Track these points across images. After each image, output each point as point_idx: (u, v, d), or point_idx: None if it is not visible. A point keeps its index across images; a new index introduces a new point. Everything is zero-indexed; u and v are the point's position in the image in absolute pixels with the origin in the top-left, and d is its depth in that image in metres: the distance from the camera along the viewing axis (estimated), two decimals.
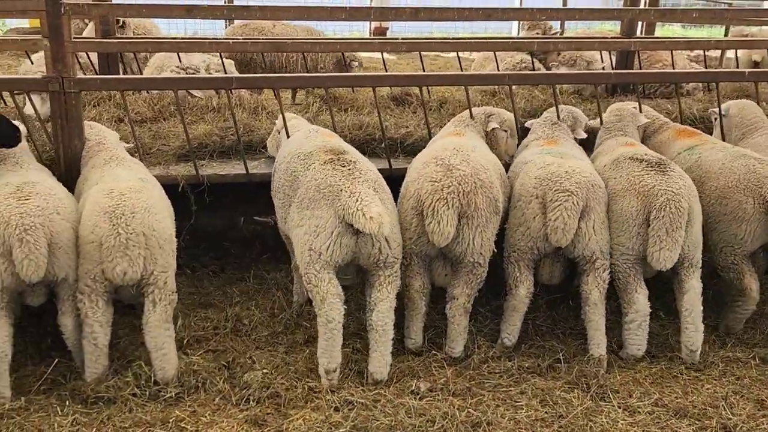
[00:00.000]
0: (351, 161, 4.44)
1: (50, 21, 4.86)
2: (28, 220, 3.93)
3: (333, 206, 4.22)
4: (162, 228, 4.26)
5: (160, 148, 5.99)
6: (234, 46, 6.76)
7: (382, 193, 4.37)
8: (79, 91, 5.07)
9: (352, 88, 7.43)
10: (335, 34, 17.57)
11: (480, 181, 4.47)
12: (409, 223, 4.52)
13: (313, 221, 4.27)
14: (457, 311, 4.62)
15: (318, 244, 4.27)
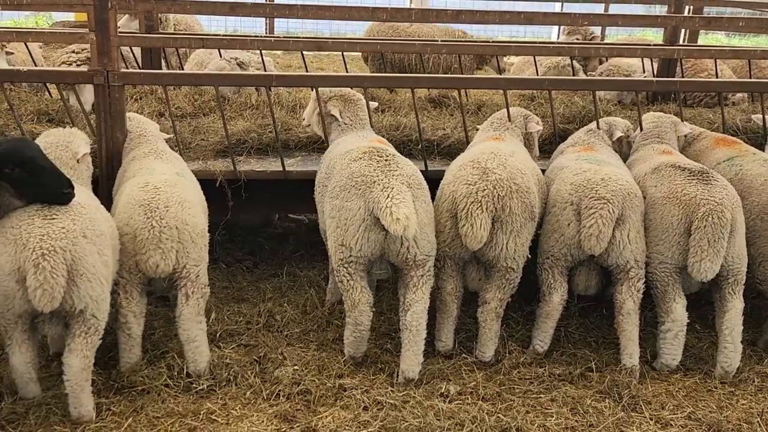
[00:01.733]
0: (389, 155, 4.43)
1: (97, 15, 4.95)
2: (48, 244, 3.60)
3: (364, 197, 4.21)
4: (195, 222, 4.31)
5: (199, 143, 6.06)
6: (276, 44, 6.80)
7: (417, 190, 4.33)
8: (123, 85, 5.16)
9: (389, 89, 7.46)
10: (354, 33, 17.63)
11: (516, 186, 4.44)
12: (444, 225, 4.51)
13: (344, 213, 4.28)
14: (488, 315, 4.60)
15: (348, 238, 4.30)
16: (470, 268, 4.66)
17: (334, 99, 5.30)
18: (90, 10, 4.97)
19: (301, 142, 6.21)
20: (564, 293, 4.70)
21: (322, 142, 6.11)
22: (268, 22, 16.43)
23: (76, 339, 3.79)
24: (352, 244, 4.29)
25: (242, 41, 6.14)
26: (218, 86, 5.49)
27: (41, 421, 3.88)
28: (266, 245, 6.45)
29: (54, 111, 6.27)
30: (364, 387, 4.34)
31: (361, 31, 18.04)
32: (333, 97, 5.30)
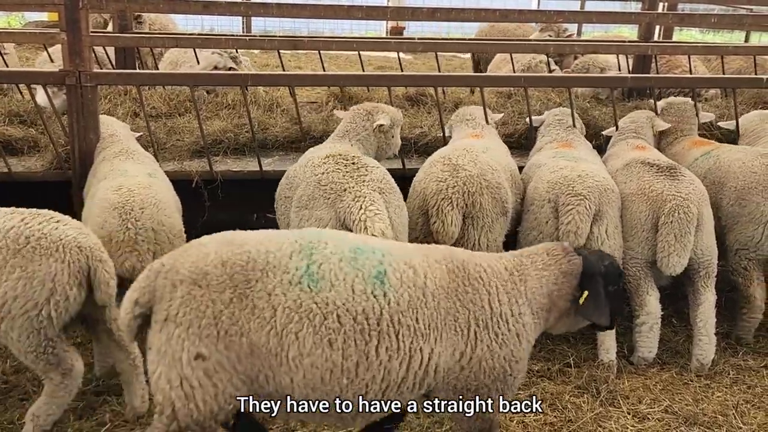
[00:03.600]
0: (354, 158, 4.29)
1: (68, 15, 4.88)
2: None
3: (334, 207, 4.04)
4: (171, 223, 4.28)
5: (174, 143, 6.00)
6: (251, 43, 6.76)
7: (389, 195, 4.18)
8: (96, 85, 5.10)
9: (367, 87, 7.42)
10: (351, 32, 17.62)
11: (486, 182, 4.45)
12: (416, 222, 4.52)
13: (313, 222, 4.10)
14: None
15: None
16: None
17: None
18: (61, 10, 4.90)
19: (278, 141, 6.18)
20: None
21: (300, 142, 6.11)
22: (245, 21, 16.34)
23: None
24: None
25: (216, 40, 6.10)
26: (193, 86, 5.43)
27: None
28: None
29: (25, 112, 6.18)
30: None
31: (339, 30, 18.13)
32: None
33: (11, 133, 5.80)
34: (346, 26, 18.74)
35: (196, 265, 2.90)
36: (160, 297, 2.89)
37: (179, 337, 2.81)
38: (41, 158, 5.63)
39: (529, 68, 7.87)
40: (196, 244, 3.08)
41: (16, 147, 5.74)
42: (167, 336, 2.83)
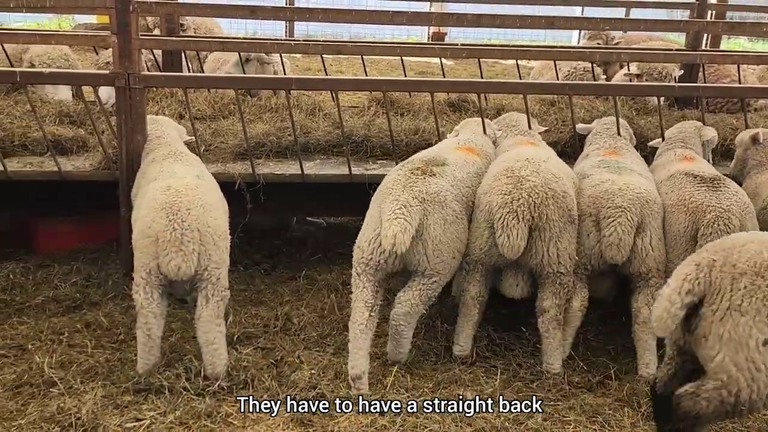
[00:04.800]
0: (432, 174, 4.48)
1: (119, 18, 4.99)
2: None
3: (379, 205, 4.33)
4: (217, 225, 4.33)
5: (218, 145, 6.09)
6: (295, 47, 6.80)
7: (434, 206, 4.32)
8: (144, 87, 5.19)
9: (408, 92, 7.43)
10: (392, 38, 17.64)
11: (551, 191, 4.42)
12: (481, 234, 4.51)
13: (367, 218, 4.44)
14: (549, 325, 4.54)
15: (363, 239, 4.37)
16: (507, 274, 4.64)
17: None
18: (112, 13, 5.00)
19: (320, 145, 6.22)
20: (584, 299, 4.67)
21: (341, 145, 6.14)
22: (288, 25, 16.49)
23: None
24: (364, 246, 4.34)
25: (262, 44, 6.16)
26: (238, 89, 5.49)
27: None
28: (284, 248, 6.46)
29: (74, 113, 6.32)
30: (380, 392, 4.32)
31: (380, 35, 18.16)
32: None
33: (61, 132, 5.94)
34: (387, 31, 18.78)
35: (753, 259, 3.33)
36: (717, 288, 3.31)
37: (746, 324, 3.22)
38: (89, 158, 5.75)
39: (573, 76, 7.79)
40: (738, 240, 3.53)
41: (66, 147, 5.88)
42: (732, 324, 3.26)
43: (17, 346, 4.67)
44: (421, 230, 4.24)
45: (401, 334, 4.44)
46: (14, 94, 7.00)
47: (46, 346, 4.66)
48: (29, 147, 5.82)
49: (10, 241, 6.13)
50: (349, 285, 5.58)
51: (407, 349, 4.53)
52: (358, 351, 4.30)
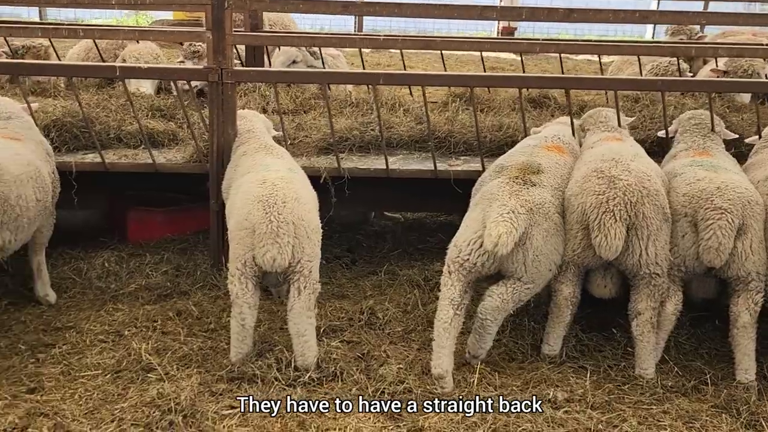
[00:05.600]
0: (532, 183, 4.48)
1: (214, 14, 5.09)
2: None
3: (484, 210, 4.31)
4: (310, 218, 4.39)
5: (302, 139, 6.16)
6: (384, 42, 6.78)
7: (539, 217, 4.32)
8: (236, 82, 5.29)
9: (488, 88, 7.38)
10: (459, 33, 17.56)
11: (645, 190, 4.33)
12: (574, 236, 4.47)
13: (467, 220, 4.42)
14: (644, 328, 4.45)
15: (461, 239, 4.35)
16: (596, 275, 4.58)
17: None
18: (207, 10, 5.11)
19: (403, 140, 6.23)
20: (678, 303, 4.55)
21: (424, 141, 6.14)
22: (357, 20, 16.60)
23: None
24: (462, 247, 4.32)
25: (351, 39, 6.20)
26: (326, 84, 5.54)
27: None
28: (364, 242, 6.50)
29: (165, 107, 6.49)
30: (467, 389, 4.31)
31: (444, 30, 18.08)
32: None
33: (153, 126, 6.11)
34: (453, 26, 18.71)
35: None
36: None
37: None
38: (180, 151, 5.90)
39: (658, 72, 7.58)
40: None
41: (158, 140, 6.05)
42: None
43: (115, 332, 4.83)
44: (524, 239, 4.23)
45: (486, 329, 4.40)
46: (107, 88, 7.23)
47: (141, 333, 4.81)
48: (123, 140, 6.02)
49: (104, 231, 6.37)
50: (431, 281, 5.66)
51: (488, 346, 4.49)
52: (442, 350, 4.29)
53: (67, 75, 5.63)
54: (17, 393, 4.07)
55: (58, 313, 5.10)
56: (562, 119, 5.68)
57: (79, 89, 5.46)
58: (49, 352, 4.55)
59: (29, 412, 3.88)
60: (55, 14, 18.60)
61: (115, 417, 3.87)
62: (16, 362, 4.42)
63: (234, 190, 4.71)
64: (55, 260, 5.71)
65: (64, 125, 5.86)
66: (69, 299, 5.31)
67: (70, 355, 4.53)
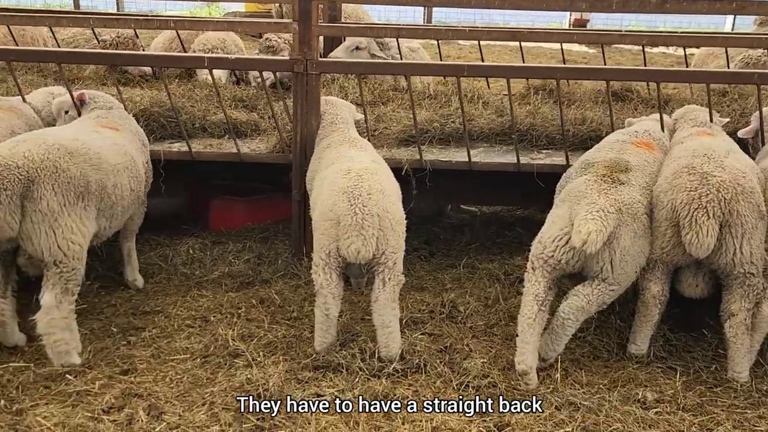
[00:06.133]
0: (621, 182, 4.38)
1: (301, 5, 5.13)
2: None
3: (571, 208, 4.25)
4: (395, 210, 4.39)
5: (382, 131, 6.17)
6: (470, 34, 6.70)
7: (627, 217, 4.22)
8: (320, 73, 5.32)
9: (567, 80, 7.25)
10: (528, 25, 17.29)
11: (740, 187, 4.18)
12: (663, 234, 4.35)
13: (552, 216, 4.35)
14: (738, 329, 4.31)
15: (546, 235, 4.28)
16: (686, 273, 4.45)
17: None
18: (295, 2, 5.15)
19: (483, 133, 6.17)
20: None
21: (505, 133, 6.07)
22: (426, 12, 16.52)
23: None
24: (547, 243, 4.26)
25: (436, 31, 6.16)
26: (410, 75, 5.53)
27: None
28: (441, 235, 6.48)
29: (248, 98, 6.58)
30: (552, 386, 4.25)
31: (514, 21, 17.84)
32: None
33: (237, 116, 6.21)
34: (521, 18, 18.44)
35: None
36: None
37: None
38: (263, 141, 5.99)
39: (747, 64, 7.31)
40: None
41: (241, 130, 6.15)
42: None
43: (201, 317, 4.94)
44: (611, 239, 4.14)
45: (565, 330, 4.32)
46: (185, 78, 7.38)
47: (226, 319, 4.91)
48: (208, 129, 6.14)
49: (187, 219, 6.53)
50: (512, 275, 5.61)
51: (560, 349, 4.39)
52: (526, 346, 4.24)
53: (158, 65, 5.76)
54: (112, 374, 4.20)
55: (146, 297, 5.24)
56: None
57: (163, 79, 5.55)
58: (140, 335, 4.69)
59: (124, 392, 4.00)
60: (131, 6, 19.15)
61: (206, 401, 3.95)
62: (109, 344, 4.56)
63: (318, 181, 4.75)
64: (142, 246, 5.88)
65: (152, 115, 6.01)
66: (156, 284, 5.45)
67: (159, 338, 4.66)
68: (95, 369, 4.23)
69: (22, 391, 3.95)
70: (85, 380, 4.10)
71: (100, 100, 5.20)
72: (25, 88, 6.24)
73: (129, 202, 4.76)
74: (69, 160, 4.21)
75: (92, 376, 4.15)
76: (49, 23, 6.23)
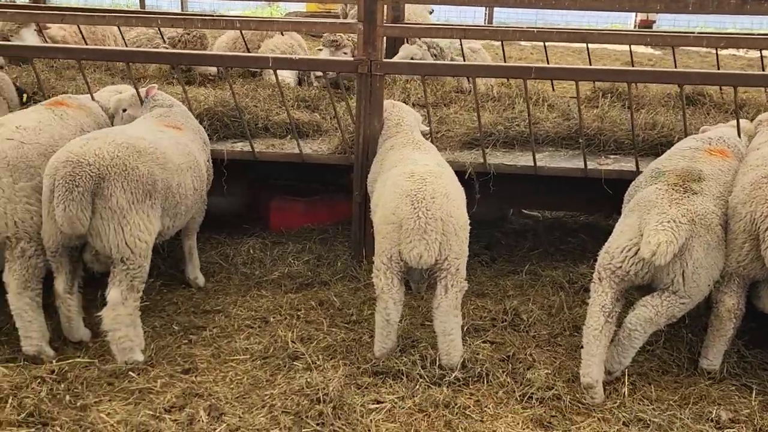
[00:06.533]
0: (693, 191, 4.21)
1: (366, 6, 5.08)
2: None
3: (640, 217, 4.08)
4: (459, 214, 4.30)
5: (444, 133, 6.07)
6: (537, 35, 6.55)
7: (700, 229, 4.04)
8: (384, 74, 5.26)
9: (635, 83, 7.02)
10: (590, 26, 16.91)
11: None
12: (740, 246, 4.15)
13: (621, 226, 4.19)
14: None
15: (614, 245, 4.13)
16: (764, 288, 4.23)
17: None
18: (360, 2, 5.10)
19: (549, 137, 6.02)
20: None
21: (571, 137, 5.91)
22: (488, 12, 16.35)
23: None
24: (615, 253, 4.12)
25: (503, 32, 6.03)
26: (476, 77, 5.42)
27: None
28: (502, 240, 6.35)
29: (310, 98, 6.58)
30: (619, 400, 4.10)
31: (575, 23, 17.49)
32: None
33: (299, 117, 6.21)
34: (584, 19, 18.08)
35: None
36: None
37: None
38: (325, 142, 5.96)
39: None
40: None
41: (303, 130, 6.14)
42: None
43: (260, 318, 4.94)
44: (683, 250, 3.96)
45: (632, 342, 4.16)
46: (249, 78, 7.42)
47: (286, 321, 4.89)
48: (270, 129, 6.15)
49: (246, 218, 6.57)
50: (576, 284, 5.46)
51: (627, 362, 4.23)
52: (591, 358, 4.10)
53: (223, 65, 5.79)
54: (173, 372, 4.22)
55: (207, 296, 5.27)
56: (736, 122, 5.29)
57: (228, 79, 5.58)
58: (200, 334, 4.71)
59: (185, 392, 4.01)
60: (194, 6, 19.50)
61: (266, 403, 3.93)
62: (171, 342, 4.59)
63: (380, 183, 4.68)
64: (204, 245, 5.92)
65: (216, 114, 6.04)
66: (216, 283, 5.48)
67: (219, 338, 4.67)
68: (157, 367, 4.26)
69: (87, 387, 4.00)
70: (148, 378, 4.13)
71: (161, 97, 5.26)
72: (94, 86, 6.39)
73: (192, 202, 4.79)
74: (138, 158, 4.25)
75: (154, 374, 4.18)
76: (118, 23, 6.34)
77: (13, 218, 4.22)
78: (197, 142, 5.07)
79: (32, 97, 5.93)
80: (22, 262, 4.28)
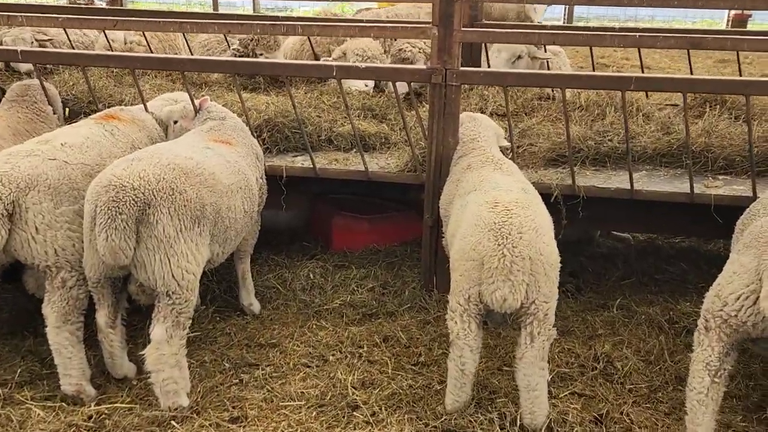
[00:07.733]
0: None
1: (442, 8, 4.52)
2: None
3: (759, 258, 3.31)
4: (549, 251, 3.68)
5: (526, 148, 5.45)
6: (640, 40, 5.84)
7: None
8: (460, 85, 4.69)
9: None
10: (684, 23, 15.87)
11: None
12: None
13: (734, 265, 3.45)
14: None
15: (727, 291, 3.41)
16: None
17: None
18: (435, 3, 4.55)
19: (646, 153, 5.31)
20: None
21: (672, 155, 5.21)
22: (567, 11, 15.50)
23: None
24: (729, 300, 3.40)
25: (600, 38, 5.28)
26: (565, 88, 4.78)
27: None
28: (589, 267, 5.67)
29: (377, 106, 6.06)
30: None
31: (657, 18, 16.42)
32: None
33: (365, 128, 5.70)
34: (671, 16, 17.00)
35: None
36: None
37: None
38: (393, 156, 5.43)
39: None
40: None
41: (369, 143, 5.64)
42: None
43: (319, 355, 4.46)
44: None
45: None
46: (315, 83, 6.94)
47: (346, 360, 4.40)
48: (334, 141, 5.66)
49: (306, 235, 6.12)
50: (677, 324, 4.78)
51: None
52: (697, 428, 3.45)
53: (284, 74, 5.31)
54: (220, 421, 3.78)
55: (262, 326, 4.83)
56: None
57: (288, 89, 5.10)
58: (253, 374, 4.26)
59: None
60: (266, 2, 19.23)
61: None
62: (220, 382, 4.16)
63: (458, 209, 4.12)
64: (261, 267, 5.50)
65: (276, 126, 5.59)
66: (273, 311, 5.03)
67: (273, 378, 4.21)
68: (202, 414, 3.82)
69: None
70: (192, 428, 3.70)
71: (214, 109, 4.82)
72: (153, 93, 6.05)
73: (242, 225, 4.34)
74: (185, 181, 3.82)
75: (199, 423, 3.74)
76: (173, 29, 5.98)
77: (53, 246, 3.86)
78: (249, 157, 4.60)
79: (79, 110, 5.63)
80: (63, 294, 3.92)
